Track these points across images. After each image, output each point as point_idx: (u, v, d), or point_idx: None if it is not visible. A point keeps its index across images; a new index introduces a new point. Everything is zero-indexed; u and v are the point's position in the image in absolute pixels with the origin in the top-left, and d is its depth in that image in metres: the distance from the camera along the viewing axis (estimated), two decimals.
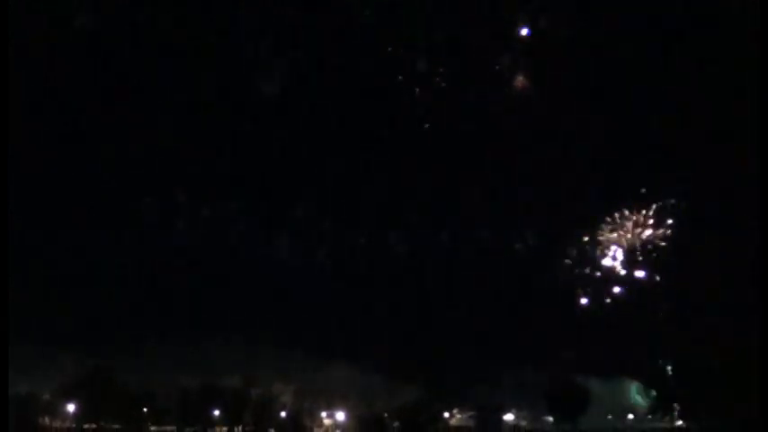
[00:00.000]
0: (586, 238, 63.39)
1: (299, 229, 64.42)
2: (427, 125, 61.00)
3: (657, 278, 63.81)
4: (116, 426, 63.85)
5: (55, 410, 63.53)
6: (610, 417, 65.74)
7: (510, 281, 64.00)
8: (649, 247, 64.17)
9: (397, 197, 64.28)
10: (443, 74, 59.79)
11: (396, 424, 66.11)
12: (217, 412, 65.15)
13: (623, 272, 64.02)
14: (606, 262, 63.88)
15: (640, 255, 64.23)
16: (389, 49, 58.88)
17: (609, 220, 63.42)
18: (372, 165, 64.12)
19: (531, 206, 63.19)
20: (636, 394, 67.07)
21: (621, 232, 64.03)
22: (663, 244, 63.76)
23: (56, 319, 61.42)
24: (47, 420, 63.61)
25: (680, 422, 62.42)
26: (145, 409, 64.30)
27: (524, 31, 56.38)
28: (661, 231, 63.98)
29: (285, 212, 64.56)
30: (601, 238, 63.73)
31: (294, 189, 64.22)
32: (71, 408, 63.00)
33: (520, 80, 59.99)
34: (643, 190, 62.68)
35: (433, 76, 59.63)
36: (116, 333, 63.12)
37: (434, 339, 64.59)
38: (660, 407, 63.90)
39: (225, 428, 65.74)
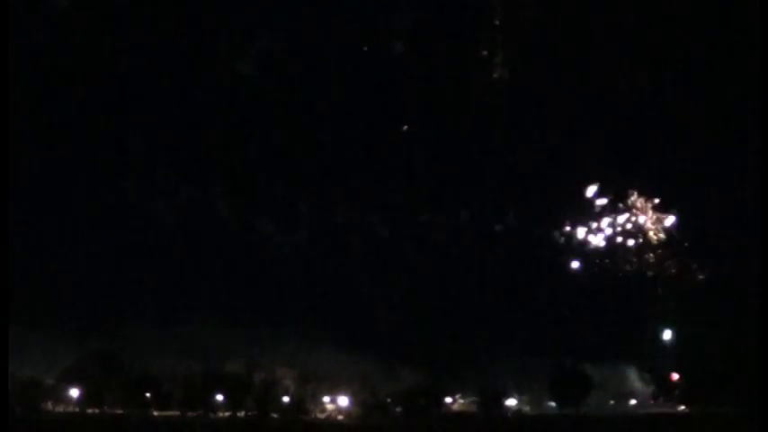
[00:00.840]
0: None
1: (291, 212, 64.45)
2: (406, 122, 61.14)
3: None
4: (119, 411, 63.80)
5: (58, 396, 63.61)
6: (612, 402, 66.03)
7: (500, 263, 64.24)
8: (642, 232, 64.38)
9: (376, 178, 64.21)
10: (421, 56, 59.87)
11: (398, 409, 66.16)
12: (220, 397, 65.23)
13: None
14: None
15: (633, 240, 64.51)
16: (367, 31, 59.04)
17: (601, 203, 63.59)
18: (352, 145, 63.99)
19: (514, 188, 63.44)
20: (636, 380, 67.23)
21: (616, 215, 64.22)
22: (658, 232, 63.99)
23: (59, 304, 61.62)
24: (50, 405, 63.63)
25: (682, 407, 62.85)
26: (148, 395, 64.21)
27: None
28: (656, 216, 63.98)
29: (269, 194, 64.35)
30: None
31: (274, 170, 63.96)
32: (74, 393, 63.12)
33: (499, 62, 60.11)
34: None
35: (410, 57, 59.72)
36: (119, 318, 63.21)
37: (434, 324, 64.89)
38: (661, 392, 64.29)
39: (228, 414, 65.74)
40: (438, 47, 60.81)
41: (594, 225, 65.53)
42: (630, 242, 65.79)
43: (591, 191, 64.14)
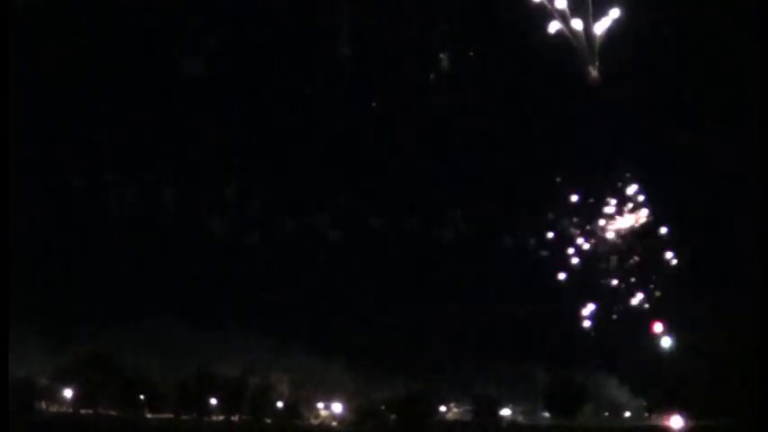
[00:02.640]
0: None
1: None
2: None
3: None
4: (113, 412, 63.79)
5: (52, 396, 63.63)
6: (607, 414, 65.67)
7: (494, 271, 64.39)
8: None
9: (324, 179, 64.41)
10: (368, 55, 60.32)
11: (392, 416, 66.00)
12: (214, 401, 65.20)
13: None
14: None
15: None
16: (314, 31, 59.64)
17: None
18: (299, 147, 64.24)
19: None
20: (630, 392, 66.85)
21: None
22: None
23: (53, 304, 61.71)
24: (44, 405, 63.65)
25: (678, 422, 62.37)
26: (142, 397, 64.24)
27: None
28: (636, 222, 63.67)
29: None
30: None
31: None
32: (68, 393, 63.16)
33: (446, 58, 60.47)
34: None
35: (359, 59, 60.24)
36: (113, 319, 63.20)
37: (427, 331, 64.90)
38: (653, 406, 64.06)
39: (222, 417, 65.70)
40: (386, 48, 61.45)
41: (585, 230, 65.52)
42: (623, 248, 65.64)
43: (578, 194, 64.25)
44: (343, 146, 63.85)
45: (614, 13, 58.29)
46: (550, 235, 65.10)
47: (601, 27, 58.89)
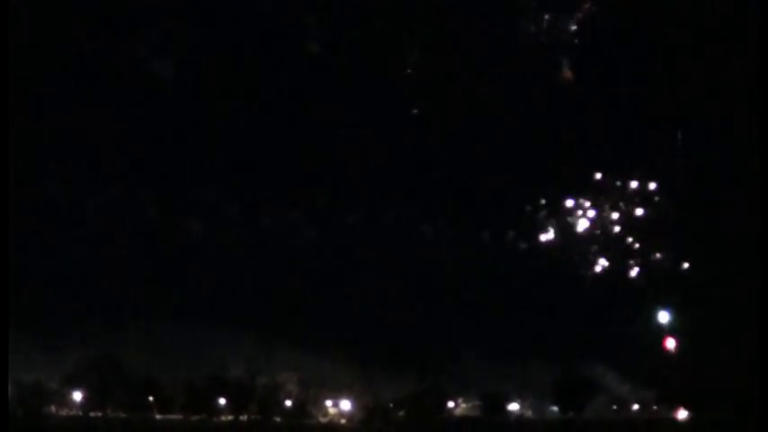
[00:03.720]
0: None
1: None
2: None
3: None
4: (122, 414, 63.84)
5: (61, 399, 63.58)
6: (615, 407, 66.10)
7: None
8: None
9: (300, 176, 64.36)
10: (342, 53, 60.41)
11: (401, 413, 66.28)
12: (222, 401, 65.32)
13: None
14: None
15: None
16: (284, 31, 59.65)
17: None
18: (274, 144, 64.16)
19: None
20: (638, 384, 67.31)
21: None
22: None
23: (62, 307, 61.59)
24: (53, 409, 63.62)
25: (684, 414, 62.96)
26: (151, 398, 64.28)
27: None
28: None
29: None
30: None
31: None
32: (77, 396, 63.17)
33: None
34: None
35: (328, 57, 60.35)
36: (122, 322, 63.22)
37: (435, 327, 65.13)
38: (663, 398, 64.58)
39: (230, 417, 65.85)
40: (360, 46, 61.55)
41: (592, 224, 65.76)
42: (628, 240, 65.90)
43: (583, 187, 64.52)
44: (320, 144, 63.91)
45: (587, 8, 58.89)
46: (548, 232, 65.43)
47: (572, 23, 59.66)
